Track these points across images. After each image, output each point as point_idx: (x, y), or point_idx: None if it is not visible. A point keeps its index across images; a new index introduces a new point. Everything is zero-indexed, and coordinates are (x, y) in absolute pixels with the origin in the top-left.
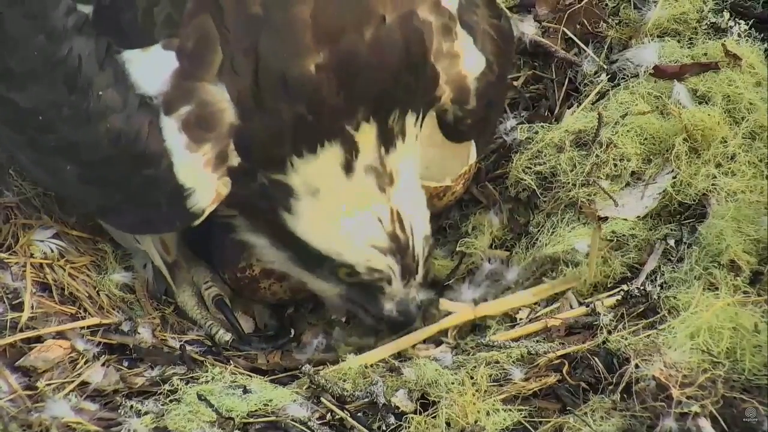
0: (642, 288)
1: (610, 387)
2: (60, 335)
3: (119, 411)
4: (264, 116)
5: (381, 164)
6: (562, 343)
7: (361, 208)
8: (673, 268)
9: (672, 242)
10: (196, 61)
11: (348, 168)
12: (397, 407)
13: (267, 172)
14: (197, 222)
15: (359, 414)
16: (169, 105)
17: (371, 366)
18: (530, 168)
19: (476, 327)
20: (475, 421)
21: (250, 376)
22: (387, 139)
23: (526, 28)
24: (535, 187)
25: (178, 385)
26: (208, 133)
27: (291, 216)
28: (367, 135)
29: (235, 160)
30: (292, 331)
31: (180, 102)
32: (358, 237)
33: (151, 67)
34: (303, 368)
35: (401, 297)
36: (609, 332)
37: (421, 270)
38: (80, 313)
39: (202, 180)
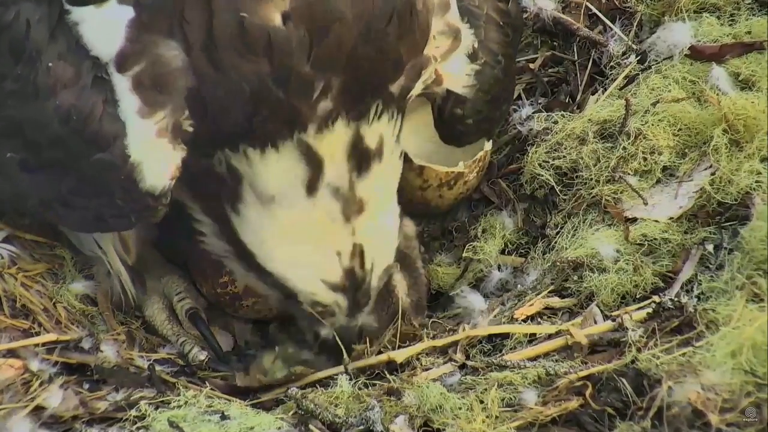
0: (676, 299)
1: (640, 413)
2: (11, 353)
3: None
4: (221, 76)
5: (350, 189)
6: (585, 363)
7: (318, 237)
8: (712, 276)
9: (710, 247)
10: (153, 13)
11: (311, 187)
12: None
13: (225, 152)
14: (157, 214)
15: None
16: (122, 62)
17: (367, 388)
18: (548, 162)
19: (491, 338)
20: None
21: (229, 400)
22: (361, 158)
23: (545, 3)
24: (554, 184)
25: (146, 410)
26: (162, 95)
27: (237, 217)
28: (333, 146)
29: (189, 128)
30: (277, 348)
31: (134, 59)
32: (308, 268)
33: (105, 26)
34: (289, 391)
35: (341, 324)
36: (638, 350)
37: (372, 302)
38: (34, 329)
39: (157, 152)
